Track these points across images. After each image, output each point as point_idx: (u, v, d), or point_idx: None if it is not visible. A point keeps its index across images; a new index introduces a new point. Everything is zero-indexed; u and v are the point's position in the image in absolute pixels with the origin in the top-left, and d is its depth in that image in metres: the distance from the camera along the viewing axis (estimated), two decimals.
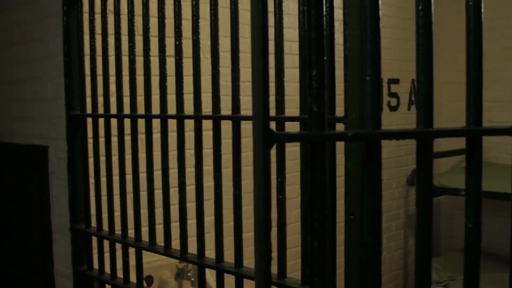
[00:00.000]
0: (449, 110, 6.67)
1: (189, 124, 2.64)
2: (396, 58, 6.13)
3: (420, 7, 1.40)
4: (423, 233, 1.42)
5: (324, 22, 1.95)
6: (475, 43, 1.44)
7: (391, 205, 6.33)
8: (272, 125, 2.19)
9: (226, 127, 2.47)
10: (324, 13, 1.95)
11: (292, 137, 1.31)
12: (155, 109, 2.71)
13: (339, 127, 1.95)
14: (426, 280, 1.45)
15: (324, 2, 1.90)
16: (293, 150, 2.22)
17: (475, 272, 1.49)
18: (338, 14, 1.90)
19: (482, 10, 1.46)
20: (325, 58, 1.64)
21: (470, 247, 1.48)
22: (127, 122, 2.87)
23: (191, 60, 2.51)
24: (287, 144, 1.87)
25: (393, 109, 6.27)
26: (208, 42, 2.45)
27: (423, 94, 1.40)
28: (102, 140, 2.98)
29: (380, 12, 1.40)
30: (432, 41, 1.41)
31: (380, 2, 1.39)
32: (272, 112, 2.24)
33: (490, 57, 5.72)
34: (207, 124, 2.56)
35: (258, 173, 1.22)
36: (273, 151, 2.04)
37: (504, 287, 1.55)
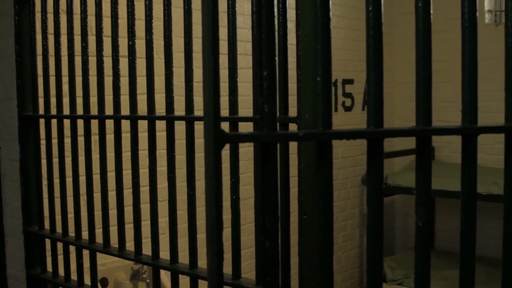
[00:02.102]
0: (403, 110, 6.75)
1: (143, 125, 2.63)
2: (351, 59, 6.18)
3: (370, 8, 1.41)
4: (374, 232, 1.44)
5: (277, 23, 1.97)
6: (424, 44, 1.46)
7: (346, 204, 6.37)
8: (226, 125, 2.19)
9: (180, 127, 2.47)
10: (277, 14, 1.97)
11: (242, 138, 1.31)
12: (109, 110, 2.69)
13: (293, 127, 1.96)
14: (378, 277, 1.46)
15: (276, 3, 1.91)
16: (248, 151, 2.22)
17: (425, 269, 1.51)
18: (292, 14, 1.91)
19: (431, 12, 1.48)
20: (277, 58, 1.65)
21: (421, 245, 1.50)
22: (80, 123, 2.84)
23: (144, 60, 2.50)
24: (242, 145, 1.87)
25: (348, 109, 6.33)
26: (162, 42, 2.44)
27: (374, 94, 1.41)
28: (55, 141, 2.95)
29: (331, 13, 1.41)
30: (382, 41, 1.43)
31: (330, 2, 1.40)
32: (226, 112, 2.25)
33: (442, 58, 5.82)
34: (161, 125, 2.55)
35: (209, 174, 1.22)
36: (227, 152, 2.04)
37: (457, 285, 1.58)
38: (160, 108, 2.53)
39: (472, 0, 1.50)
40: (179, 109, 2.47)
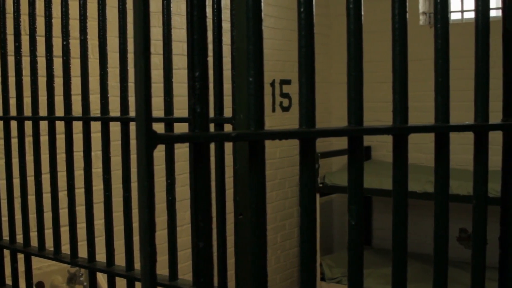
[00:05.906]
0: (340, 110, 6.83)
1: (78, 126, 2.60)
2: (288, 59, 6.22)
3: (302, 9, 1.42)
4: (307, 232, 1.45)
5: (212, 23, 1.97)
6: (355, 44, 1.48)
7: (285, 204, 6.41)
8: (161, 126, 2.18)
9: (116, 128, 2.45)
10: (212, 14, 1.97)
11: (174, 138, 1.31)
12: (43, 111, 2.64)
13: (229, 127, 1.97)
14: (312, 277, 1.47)
15: (211, 3, 1.92)
16: (185, 151, 2.22)
17: (359, 267, 1.53)
18: (228, 15, 1.91)
19: (363, 13, 1.50)
20: (212, 59, 1.65)
21: (354, 243, 1.52)
22: (13, 124, 2.79)
23: (79, 60, 2.47)
24: (179, 146, 1.86)
25: (285, 109, 6.37)
26: (97, 42, 2.41)
27: (305, 95, 1.42)
28: None
29: (264, 14, 1.42)
30: (313, 42, 1.44)
31: (263, 3, 1.41)
32: (161, 113, 2.24)
33: (378, 59, 5.91)
34: (96, 126, 2.52)
35: (141, 175, 1.21)
36: (163, 153, 2.03)
37: None
38: (95, 109, 2.51)
39: (402, 2, 1.53)
40: (115, 110, 2.45)
